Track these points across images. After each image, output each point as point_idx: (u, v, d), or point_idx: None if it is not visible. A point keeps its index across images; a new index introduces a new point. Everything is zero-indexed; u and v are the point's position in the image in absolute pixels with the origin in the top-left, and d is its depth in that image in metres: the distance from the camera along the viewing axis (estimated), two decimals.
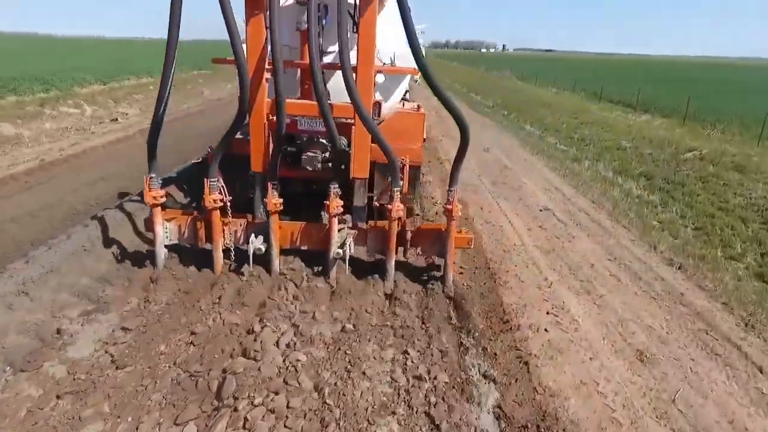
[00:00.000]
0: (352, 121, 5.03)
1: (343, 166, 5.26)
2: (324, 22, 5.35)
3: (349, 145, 5.25)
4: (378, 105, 5.36)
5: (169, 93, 4.62)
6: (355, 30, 5.05)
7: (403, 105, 6.71)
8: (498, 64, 59.49)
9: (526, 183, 9.96)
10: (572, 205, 8.73)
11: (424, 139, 6.35)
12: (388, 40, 5.57)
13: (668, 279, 5.94)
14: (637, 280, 5.88)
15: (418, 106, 6.51)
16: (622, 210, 8.65)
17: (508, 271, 5.87)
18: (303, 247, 5.25)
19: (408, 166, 5.65)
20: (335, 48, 5.20)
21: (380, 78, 5.19)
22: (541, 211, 8.26)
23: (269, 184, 4.85)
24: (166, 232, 5.13)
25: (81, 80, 21.08)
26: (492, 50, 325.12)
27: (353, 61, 4.77)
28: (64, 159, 10.12)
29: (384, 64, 5.71)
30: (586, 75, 45.42)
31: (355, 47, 4.86)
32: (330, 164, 5.48)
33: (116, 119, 15.94)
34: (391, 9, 5.65)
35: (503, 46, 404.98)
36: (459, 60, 68.62)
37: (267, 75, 4.95)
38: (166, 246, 5.14)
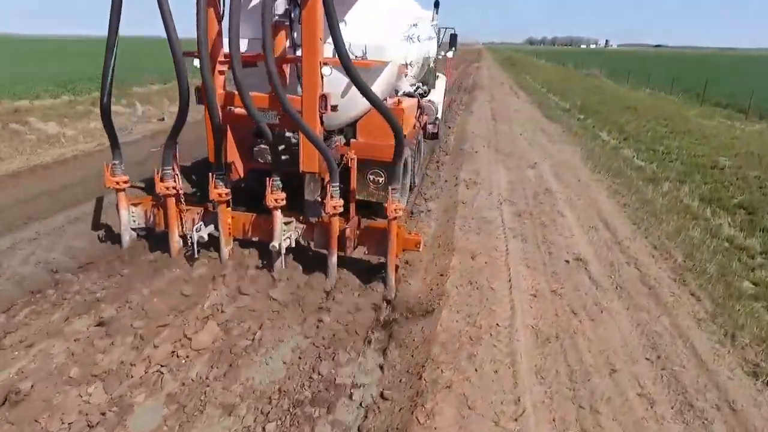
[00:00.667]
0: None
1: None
2: (293, 14, 5.22)
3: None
4: (324, 98, 4.92)
5: (111, 80, 4.88)
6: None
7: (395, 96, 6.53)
8: (593, 61, 54.08)
9: (566, 216, 7.58)
10: (621, 253, 6.31)
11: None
12: (362, 33, 5.65)
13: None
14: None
15: (399, 101, 6.32)
16: (699, 262, 6.09)
17: (450, 386, 3.59)
18: (254, 238, 5.35)
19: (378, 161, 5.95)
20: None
21: (326, 70, 4.89)
22: (568, 262, 5.97)
23: (214, 174, 5.01)
24: (132, 215, 5.58)
25: (139, 79, 21.48)
26: (593, 46, 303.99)
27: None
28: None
29: (356, 57, 5.57)
30: (692, 73, 39.38)
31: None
32: (285, 157, 5.39)
33: (163, 119, 15.67)
34: (364, 3, 5.71)
35: (606, 41, 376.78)
36: (549, 57, 63.69)
37: (221, 68, 5.17)
38: (133, 229, 5.63)
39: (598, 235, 6.91)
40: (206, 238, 5.22)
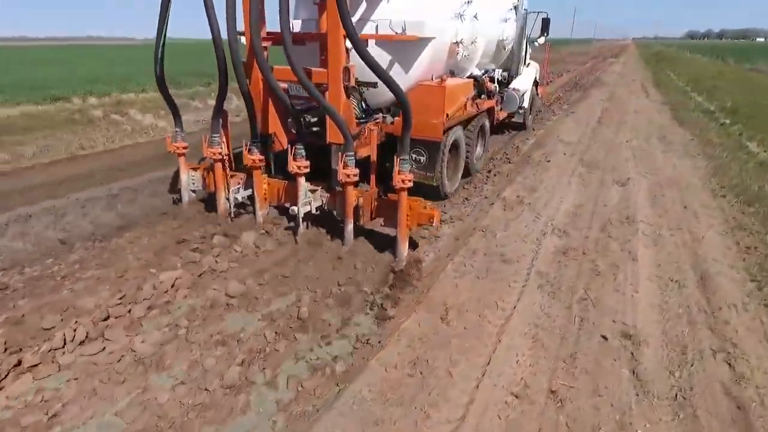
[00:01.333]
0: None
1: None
2: None
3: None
4: (347, 70, 4.95)
5: (163, 52, 5.31)
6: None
7: (433, 78, 6.24)
8: (763, 56, 44.50)
9: (638, 260, 5.30)
10: (712, 336, 4.02)
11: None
12: (401, 9, 5.74)
13: None
14: None
15: (442, 79, 6.16)
16: None
17: None
18: (286, 204, 5.54)
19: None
20: (354, 18, 5.12)
21: (349, 44, 4.72)
22: (606, 339, 3.90)
23: (249, 142, 5.41)
24: (192, 178, 6.17)
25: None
26: None
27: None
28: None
29: (396, 33, 5.69)
30: None
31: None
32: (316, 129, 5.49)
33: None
34: None
35: None
36: (710, 52, 53.96)
37: (264, 44, 5.30)
38: (192, 190, 6.22)
39: (681, 296, 4.58)
40: (240, 200, 5.74)
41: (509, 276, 4.72)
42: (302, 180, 5.19)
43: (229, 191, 5.76)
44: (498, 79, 8.87)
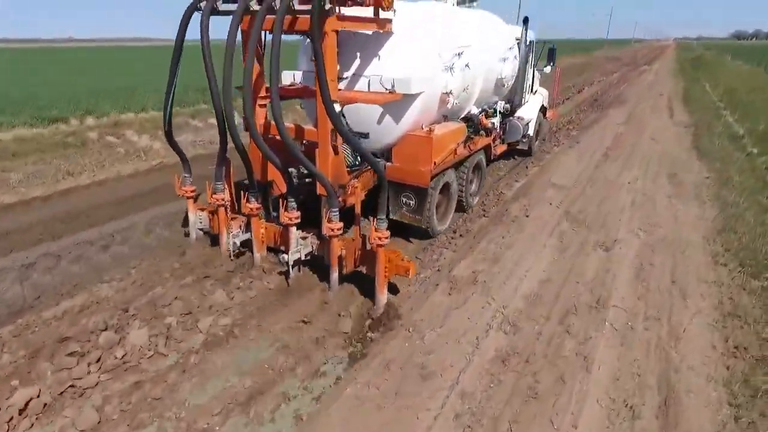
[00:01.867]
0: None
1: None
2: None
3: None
4: (334, 132, 5.27)
5: (171, 110, 5.76)
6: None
7: (423, 127, 6.67)
8: None
9: (592, 371, 4.50)
10: None
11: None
12: (392, 65, 6.16)
13: None
14: None
15: (429, 130, 6.48)
16: None
17: None
18: (281, 247, 5.94)
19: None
20: (348, 74, 6.30)
21: (337, 107, 4.96)
22: None
23: (247, 192, 5.91)
24: (199, 218, 6.66)
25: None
26: None
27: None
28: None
29: (386, 89, 6.08)
30: None
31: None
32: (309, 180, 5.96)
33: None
34: (395, 39, 6.15)
35: None
36: (751, 55, 50.30)
37: (262, 102, 6.11)
38: (199, 228, 6.71)
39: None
40: (237, 244, 6.25)
41: (422, 401, 4.00)
42: (293, 229, 5.69)
43: (230, 234, 6.27)
44: (500, 110, 9.47)
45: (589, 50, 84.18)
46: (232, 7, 4.97)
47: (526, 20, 9.74)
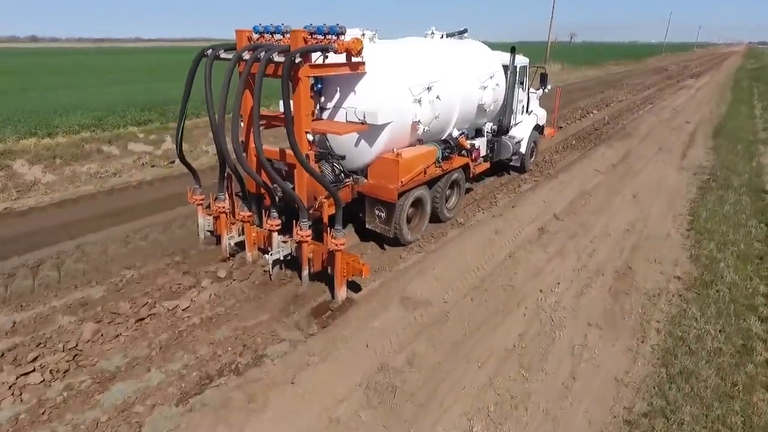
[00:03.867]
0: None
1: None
2: (315, 88, 7.51)
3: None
4: (307, 156, 6.25)
5: (182, 135, 7.33)
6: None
7: (394, 150, 7.68)
8: None
9: None
10: None
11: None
12: (366, 98, 7.26)
13: None
14: None
15: (397, 153, 7.53)
16: None
17: None
18: (268, 248, 7.09)
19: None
20: (330, 105, 7.71)
21: (309, 137, 6.44)
22: None
23: (239, 202, 7.54)
24: (207, 222, 7.99)
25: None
26: None
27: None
28: None
29: (359, 120, 7.14)
30: None
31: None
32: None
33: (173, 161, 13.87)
34: (368, 77, 7.26)
35: None
36: None
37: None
38: (208, 230, 8.06)
39: None
40: (233, 245, 7.62)
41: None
42: (275, 235, 6.89)
43: (227, 237, 7.54)
44: (487, 131, 10.71)
45: (642, 57, 77.35)
46: (231, 55, 6.51)
47: (513, 49, 10.56)
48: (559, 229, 8.89)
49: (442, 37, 9.88)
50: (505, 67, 10.37)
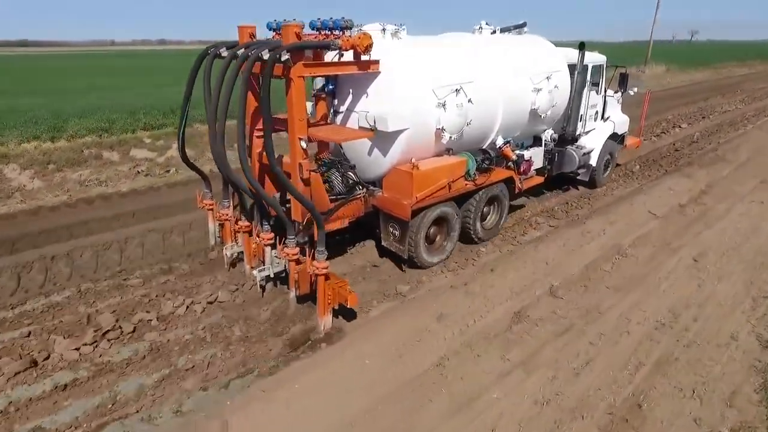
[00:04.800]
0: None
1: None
2: (327, 89, 6.89)
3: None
4: (300, 165, 5.80)
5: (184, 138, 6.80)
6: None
7: (412, 161, 6.74)
8: None
9: None
10: None
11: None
12: (377, 104, 6.49)
13: None
14: None
15: (413, 165, 6.60)
16: None
17: None
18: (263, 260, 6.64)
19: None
20: (343, 108, 6.97)
21: (303, 144, 5.74)
22: None
23: (241, 213, 6.90)
24: (217, 228, 7.61)
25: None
26: None
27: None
28: None
29: (369, 125, 6.39)
30: None
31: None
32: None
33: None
34: (382, 78, 6.45)
35: None
36: None
37: (258, 133, 6.60)
38: (219, 237, 7.63)
39: None
40: (231, 254, 7.14)
41: None
42: (268, 249, 6.34)
43: (227, 247, 7.18)
44: (547, 140, 9.32)
45: None
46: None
47: (581, 45, 9.25)
48: (548, 316, 5.91)
49: (494, 32, 8.74)
50: (573, 67, 9.04)
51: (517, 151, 8.40)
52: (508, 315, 5.90)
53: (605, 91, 10.51)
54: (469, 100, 7.03)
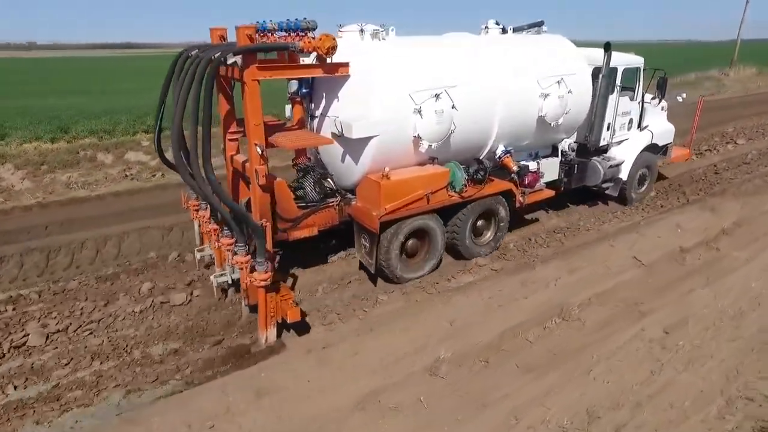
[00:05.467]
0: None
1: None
2: (300, 92, 6.84)
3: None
4: (256, 171, 5.64)
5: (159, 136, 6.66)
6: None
7: (386, 170, 6.40)
8: None
9: None
10: None
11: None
12: (345, 109, 6.28)
13: None
14: None
15: (383, 175, 6.28)
16: None
17: None
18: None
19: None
20: (318, 113, 6.79)
21: (258, 149, 5.53)
22: None
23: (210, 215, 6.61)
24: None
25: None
26: None
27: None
28: None
29: (339, 131, 6.19)
30: None
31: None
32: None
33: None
34: (352, 81, 6.17)
35: None
36: None
37: (231, 137, 6.70)
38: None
39: None
40: (198, 257, 7.18)
41: None
42: (228, 254, 5.82)
43: (196, 249, 7.22)
44: (565, 149, 8.72)
45: None
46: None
47: (606, 46, 8.39)
48: (409, 404, 4.41)
49: (504, 31, 8.15)
50: (598, 70, 8.37)
51: (524, 162, 7.90)
52: (353, 399, 4.51)
53: (642, 97, 9.43)
54: (453, 106, 6.55)
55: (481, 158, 7.40)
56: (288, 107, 7.22)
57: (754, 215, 8.84)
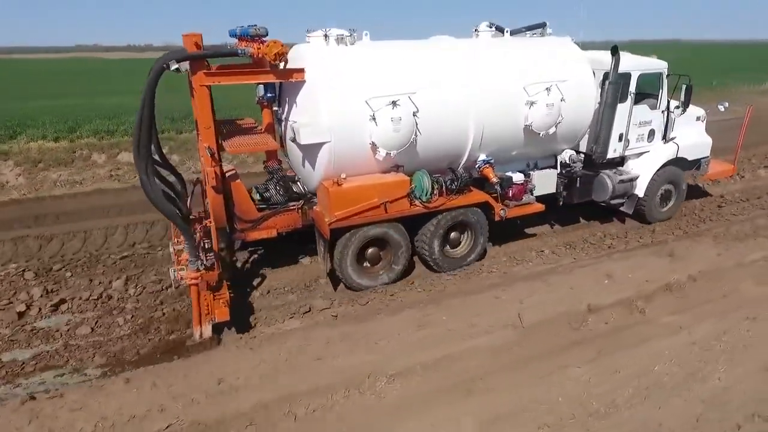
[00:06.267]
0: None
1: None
2: (268, 95, 7.03)
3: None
4: (206, 174, 6.06)
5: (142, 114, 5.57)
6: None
7: (342, 176, 6.52)
8: None
9: None
10: None
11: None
12: (301, 114, 6.38)
13: None
14: None
15: (335, 181, 6.35)
16: None
17: None
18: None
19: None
20: (283, 117, 6.97)
21: (208, 151, 5.87)
22: None
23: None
24: None
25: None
26: None
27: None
28: None
29: (292, 135, 6.37)
30: None
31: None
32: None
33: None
34: (307, 87, 6.27)
35: None
36: None
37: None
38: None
39: None
40: (173, 250, 6.60)
41: None
42: (183, 253, 6.11)
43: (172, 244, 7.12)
44: (566, 161, 8.22)
45: None
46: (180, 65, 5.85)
47: (614, 50, 7.86)
48: None
49: (502, 33, 7.92)
50: (607, 75, 7.96)
51: (509, 173, 7.66)
52: None
53: (668, 106, 8.70)
54: (415, 113, 6.40)
55: (457, 168, 7.17)
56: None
57: (727, 267, 7.03)
